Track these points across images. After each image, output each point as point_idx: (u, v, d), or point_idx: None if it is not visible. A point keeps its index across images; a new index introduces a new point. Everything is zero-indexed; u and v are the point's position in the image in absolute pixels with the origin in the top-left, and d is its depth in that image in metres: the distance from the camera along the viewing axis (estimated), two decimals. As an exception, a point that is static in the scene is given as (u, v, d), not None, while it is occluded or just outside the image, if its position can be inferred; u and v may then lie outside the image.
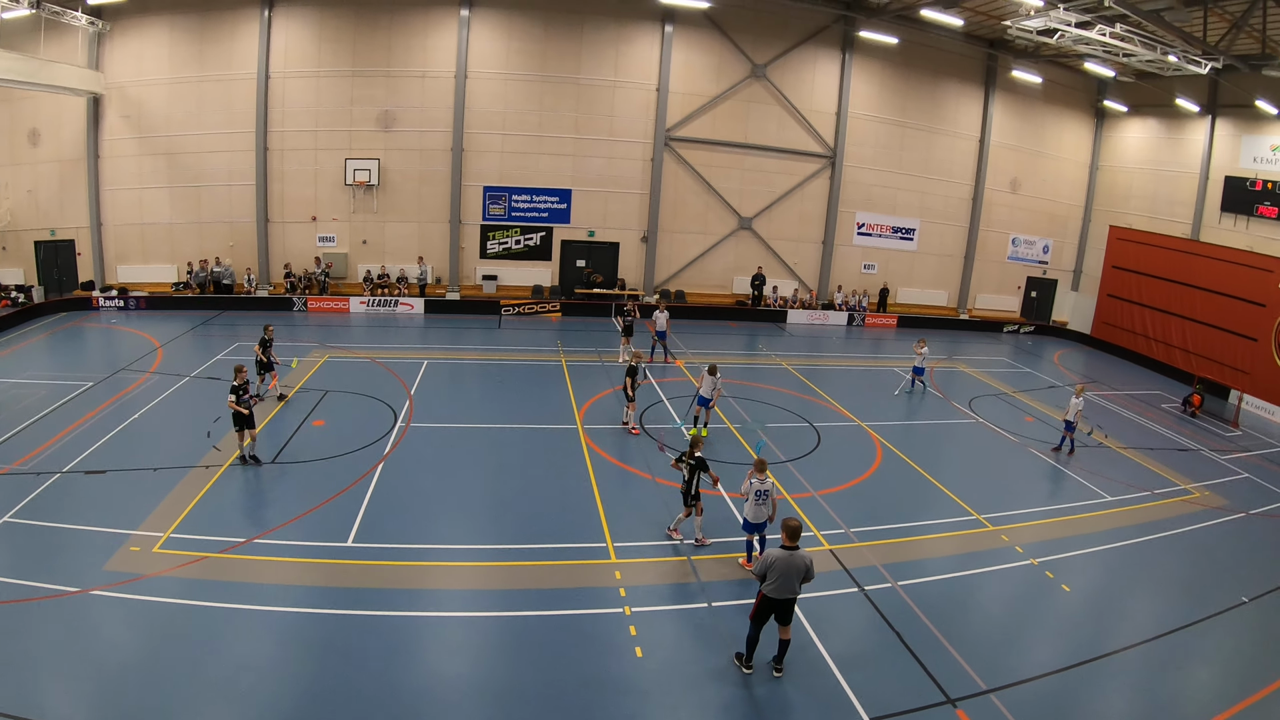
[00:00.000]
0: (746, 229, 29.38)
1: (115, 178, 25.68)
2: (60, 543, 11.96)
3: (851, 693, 8.64)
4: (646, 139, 27.64)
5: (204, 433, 15.74)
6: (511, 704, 8.31)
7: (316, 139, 25.87)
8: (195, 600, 10.21)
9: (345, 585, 10.47)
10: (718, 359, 23.01)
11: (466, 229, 26.84)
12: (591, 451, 15.30)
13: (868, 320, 30.15)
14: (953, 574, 11.64)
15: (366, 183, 25.70)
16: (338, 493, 13.09)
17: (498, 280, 26.90)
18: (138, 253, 25.70)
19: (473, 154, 26.46)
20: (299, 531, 11.89)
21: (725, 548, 11.73)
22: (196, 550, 11.45)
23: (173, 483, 13.77)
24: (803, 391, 20.70)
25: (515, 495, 13.33)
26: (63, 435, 16.22)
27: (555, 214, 27.22)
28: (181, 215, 25.68)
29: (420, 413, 17.12)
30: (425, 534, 11.93)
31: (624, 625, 9.58)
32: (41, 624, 9.91)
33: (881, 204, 30.65)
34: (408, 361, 21.21)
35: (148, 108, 25.95)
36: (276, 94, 25.84)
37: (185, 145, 25.78)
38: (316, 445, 15.29)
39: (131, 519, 12.46)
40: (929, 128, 30.50)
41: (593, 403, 18.35)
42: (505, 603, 10.13)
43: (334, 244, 26.07)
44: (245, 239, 25.59)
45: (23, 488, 13.90)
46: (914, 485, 15.10)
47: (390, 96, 26.10)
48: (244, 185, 25.62)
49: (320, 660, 8.94)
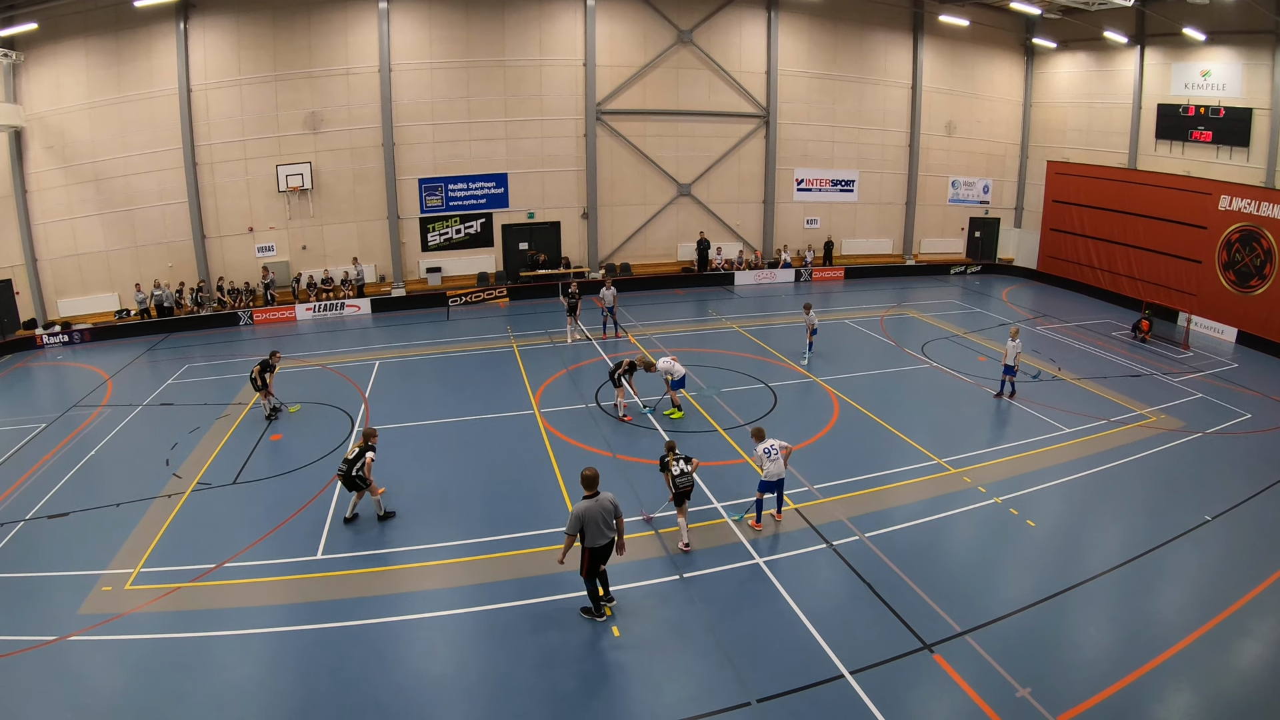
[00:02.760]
0: (686, 195, 29.56)
1: (45, 210, 25.40)
2: (31, 591, 11.87)
3: (829, 649, 8.79)
4: (578, 115, 27.66)
5: (163, 461, 15.76)
6: (499, 696, 8.40)
7: (245, 149, 25.69)
8: (173, 633, 10.22)
9: (319, 599, 10.47)
10: (667, 328, 23.38)
11: (406, 224, 26.83)
12: (551, 435, 15.34)
13: (815, 275, 30.47)
14: (919, 520, 11.75)
15: (300, 187, 25.60)
16: (302, 506, 13.07)
17: (442, 272, 26.96)
18: (76, 284, 25.51)
19: (404, 147, 26.39)
20: (267, 550, 11.88)
21: (693, 516, 11.71)
22: (168, 582, 11.43)
23: (137, 516, 13.72)
24: (755, 352, 20.86)
25: (480, 488, 13.37)
26: (21, 482, 15.95)
27: (493, 199, 27.27)
28: (116, 241, 25.49)
29: (377, 415, 17.06)
30: (395, 537, 11.93)
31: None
32: (22, 676, 9.84)
33: (819, 158, 30.90)
34: (359, 364, 21.19)
35: (71, 135, 25.63)
36: (200, 107, 25.58)
37: (113, 169, 25.52)
38: (276, 460, 15.22)
39: (100, 559, 12.40)
40: (860, 79, 30.70)
41: (548, 385, 18.45)
42: (481, 597, 10.17)
43: (274, 253, 25.98)
44: (184, 258, 25.46)
45: None
46: (874, 436, 15.26)
47: (315, 98, 25.91)
48: (176, 204, 25.44)
49: (304, 676, 8.97)
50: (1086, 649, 8.90)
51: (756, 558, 10.66)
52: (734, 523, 11.79)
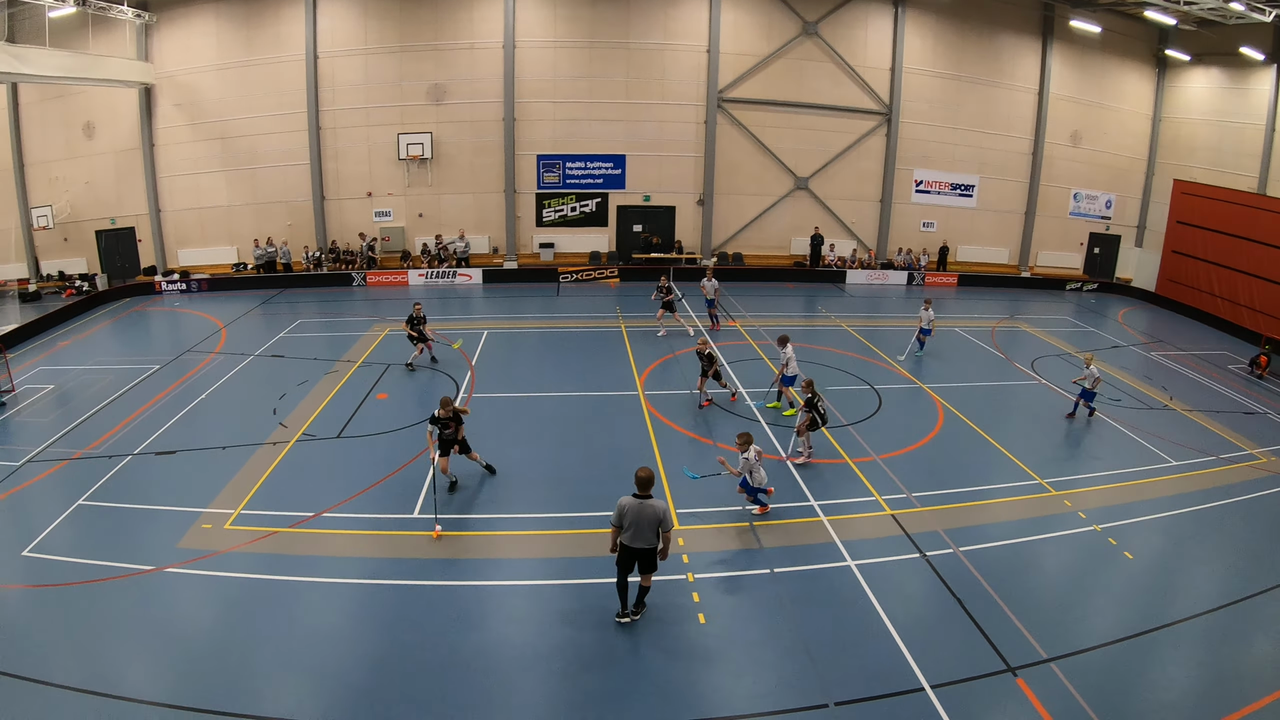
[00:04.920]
0: (803, 189, 28.70)
1: (171, 164, 25.70)
2: (134, 523, 12.08)
3: (912, 659, 8.45)
4: (699, 101, 27.10)
5: (270, 409, 15.87)
6: (577, 671, 8.28)
7: (368, 116, 25.71)
8: (266, 574, 10.32)
9: (410, 556, 10.48)
10: (775, 320, 22.46)
11: (522, 198, 26.50)
12: (653, 418, 15.00)
13: (927, 279, 29.24)
14: (1015, 539, 11.35)
15: (420, 156, 25.47)
16: (402, 465, 13.06)
17: (555, 248, 26.51)
18: (196, 236, 25.70)
19: (525, 123, 26.11)
20: (365, 504, 11.90)
21: (789, 512, 11.58)
22: (266, 525, 11.51)
23: (242, 460, 13.82)
24: (863, 353, 20.07)
25: (578, 463, 13.20)
26: (132, 418, 16.30)
27: (610, 179, 26.77)
28: (238, 198, 25.64)
29: (482, 383, 16.95)
30: (489, 504, 11.89)
31: (687, 592, 9.49)
32: (118, 602, 10.05)
33: (939, 160, 29.79)
34: (468, 332, 20.99)
35: (199, 95, 25.97)
36: (326, 74, 25.73)
37: (238, 129, 25.74)
38: (381, 419, 15.18)
39: (202, 497, 12.54)
40: (986, 81, 29.60)
41: (654, 368, 17.99)
42: (569, 571, 10.09)
43: (390, 218, 25.88)
44: (302, 218, 25.48)
45: (95, 471, 14.02)
46: (976, 448, 14.60)
47: (440, 70, 25.86)
48: (298, 165, 25.52)
49: (389, 630, 8.97)
50: (1171, 691, 8.44)
51: (848, 560, 10.41)
52: (752, 526, 11.48)
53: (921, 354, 19.47)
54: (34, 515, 13.04)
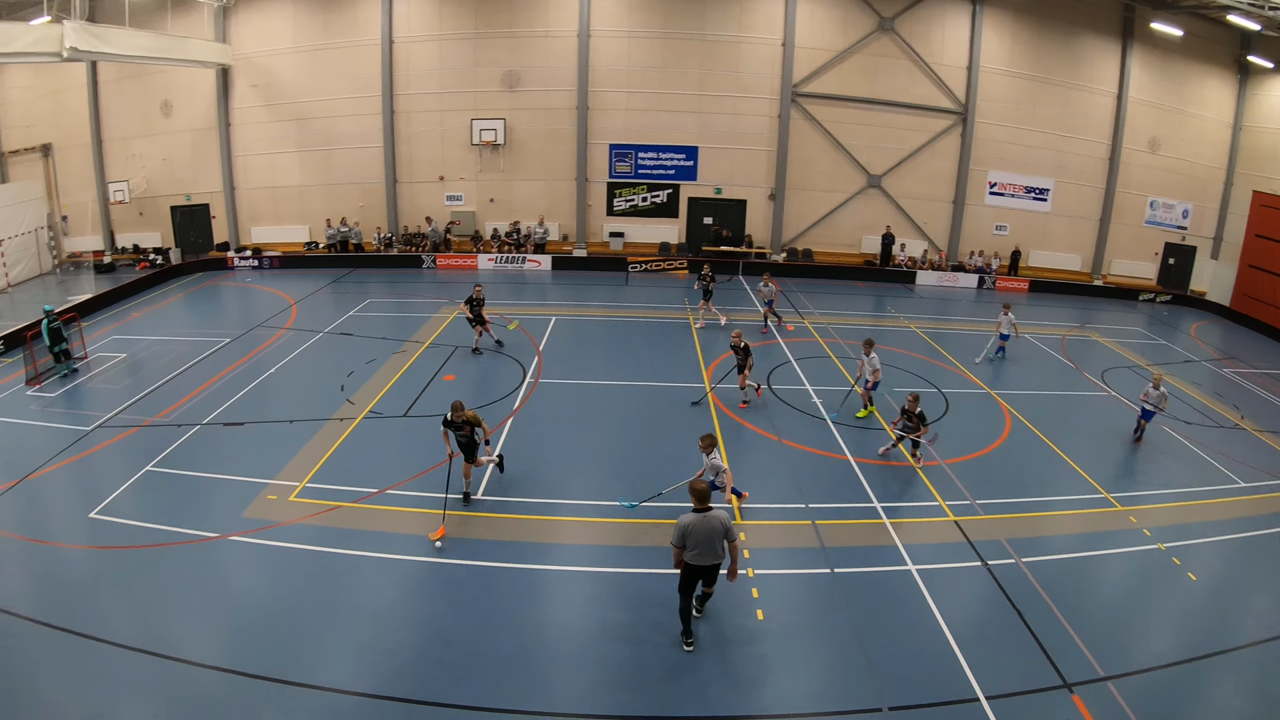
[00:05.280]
0: (875, 187, 28.16)
1: (246, 144, 25.85)
2: (200, 491, 12.26)
3: (968, 669, 8.31)
4: (773, 95, 26.73)
5: (338, 386, 15.96)
6: (631, 660, 8.25)
7: (442, 101, 25.69)
8: (328, 547, 10.46)
9: (473, 537, 10.54)
10: (844, 319, 21.91)
11: (593, 186, 26.32)
12: (719, 411, 14.81)
13: (998, 283, 28.46)
14: (1077, 553, 11.10)
15: (493, 142, 25.37)
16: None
17: (624, 237, 26.25)
18: (270, 214, 25.80)
19: (598, 112, 25.91)
20: (429, 483, 11.95)
21: (852, 512, 11.47)
22: (331, 499, 11.61)
23: (308, 434, 13.95)
24: (931, 356, 19.58)
25: (642, 453, 13.11)
26: (202, 389, 16.46)
27: (682, 171, 26.46)
28: (311, 178, 25.71)
29: (549, 368, 16.92)
30: (552, 489, 11.88)
31: (746, 587, 9.38)
32: (180, 567, 10.29)
33: (1014, 162, 29.08)
34: (536, 318, 20.87)
35: (275, 76, 26.12)
36: (401, 58, 25.78)
37: (313, 111, 25.83)
38: (447, 400, 15.24)
39: (269, 469, 12.70)
40: (1064, 82, 28.87)
41: (721, 361, 17.67)
42: (628, 559, 10.08)
43: (462, 202, 25.81)
44: (375, 199, 25.48)
45: (164, 439, 14.18)
46: (1042, 458, 14.17)
47: (514, 57, 25.78)
48: (372, 148, 25.56)
49: (445, 608, 9.07)
50: (1228, 718, 8.22)
51: (909, 564, 10.24)
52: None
53: (1002, 359, 18.99)
54: (102, 479, 13.19)
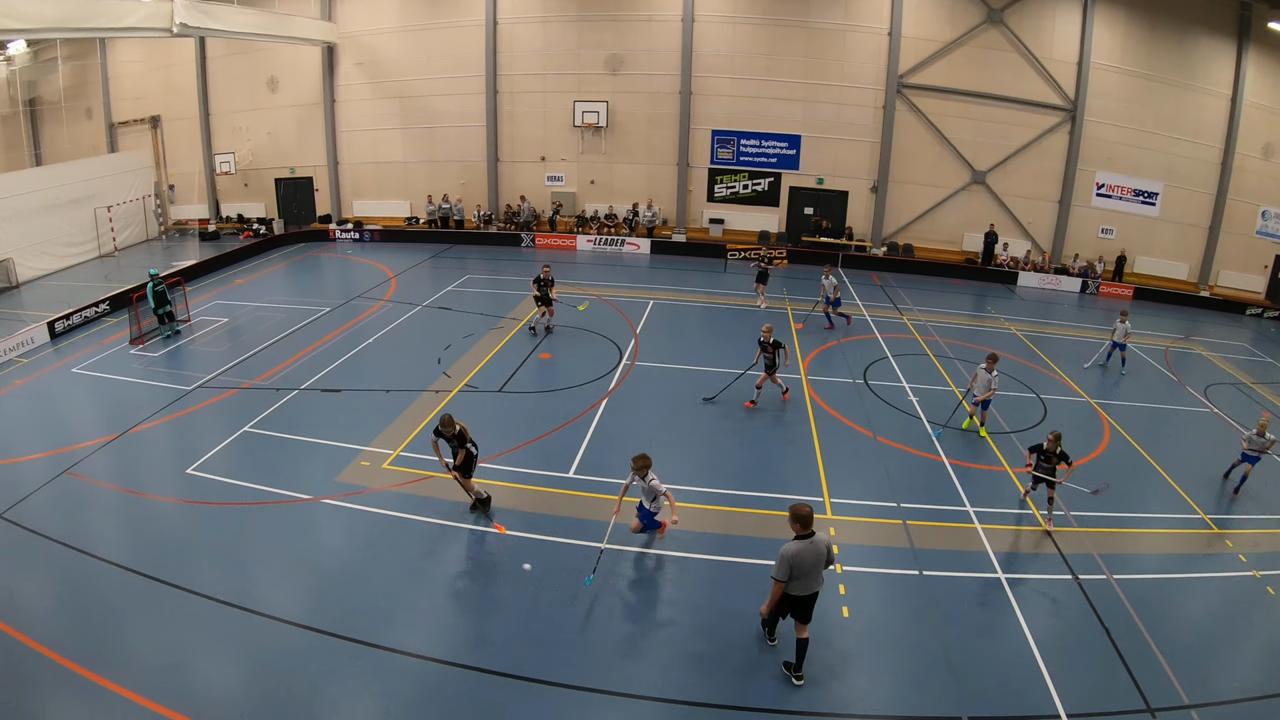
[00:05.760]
0: (980, 184, 27.37)
1: (350, 120, 26.07)
2: (295, 453, 12.49)
3: (1051, 684, 8.00)
4: (878, 85, 26.16)
5: (435, 359, 16.05)
6: (711, 650, 8.09)
7: (545, 82, 25.62)
8: (418, 515, 10.48)
9: (561, 514, 10.53)
10: (943, 317, 21.13)
11: (694, 172, 26.00)
12: (814, 403, 14.52)
13: (1101, 289, 27.38)
14: (1170, 574, 10.64)
15: (595, 125, 25.24)
16: (563, 424, 13.12)
17: (724, 224, 25.87)
18: (372, 189, 25.98)
19: (701, 97, 25.62)
20: (523, 459, 12.00)
21: (945, 515, 11.00)
22: (423, 469, 11.63)
23: (404, 405, 14.02)
24: (1030, 360, 18.77)
25: (735, 441, 12.89)
26: (300, 356, 16.73)
27: (784, 159, 26.01)
28: (414, 154, 25.84)
29: (645, 351, 16.75)
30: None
31: (833, 583, 9.12)
32: (274, 524, 10.47)
33: (1122, 163, 28.04)
34: (633, 300, 20.68)
35: (380, 55, 26.34)
36: (505, 40, 25.80)
37: (417, 89, 25.98)
38: (543, 377, 15.32)
39: (364, 436, 12.82)
40: (1176, 82, 27.77)
41: (818, 353, 17.33)
42: (717, 547, 9.93)
43: (562, 183, 25.70)
44: (476, 177, 25.51)
45: (263, 401, 14.43)
46: (1140, 473, 13.45)
47: (618, 40, 25.65)
48: (474, 126, 25.61)
49: (529, 583, 9.03)
50: None
51: (999, 571, 9.90)
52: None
53: (1123, 370, 18.04)
54: (200, 437, 13.44)
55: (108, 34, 24.11)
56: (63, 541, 10.69)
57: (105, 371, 17.53)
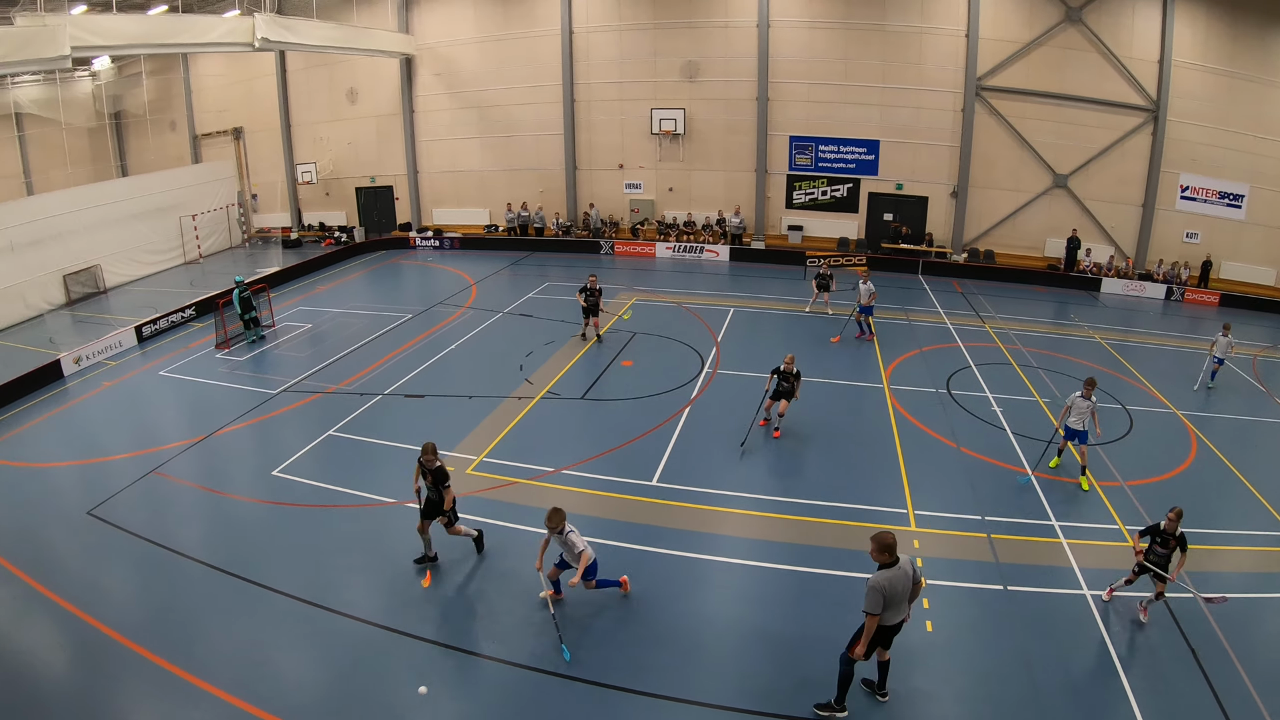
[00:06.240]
0: (1061, 187, 26.88)
1: (429, 129, 26.41)
2: (379, 458, 12.63)
3: (1136, 707, 7.76)
4: (956, 88, 25.83)
5: (517, 366, 16.22)
6: (785, 658, 8.07)
7: (622, 90, 25.73)
8: (501, 521, 10.55)
9: (642, 521, 10.56)
10: (1023, 325, 20.59)
11: (773, 179, 25.90)
12: (897, 413, 14.27)
13: (1186, 295, 26.64)
14: (1260, 594, 10.11)
15: (672, 131, 25.24)
16: (645, 432, 13.13)
17: (803, 231, 25.66)
18: (451, 197, 26.28)
19: (777, 103, 25.53)
20: (605, 466, 12.06)
21: (1029, 529, 10.72)
22: (507, 475, 11.81)
23: (487, 411, 14.15)
24: (1115, 369, 18.13)
25: (817, 450, 12.83)
26: (383, 362, 17.03)
27: (862, 165, 25.77)
28: (491, 163, 26.09)
29: (727, 360, 16.63)
30: (726, 480, 11.70)
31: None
32: (352, 526, 10.70)
33: (1207, 165, 27.32)
34: (713, 308, 20.60)
35: (457, 66, 26.65)
36: (580, 48, 25.96)
37: (494, 99, 26.24)
38: (625, 385, 15.36)
39: (447, 441, 12.82)
40: (1260, 78, 26.99)
41: (901, 361, 17.07)
42: (797, 557, 9.84)
43: (641, 190, 25.75)
44: (554, 185, 25.67)
45: (346, 406, 14.70)
46: (1229, 489, 12.85)
47: (693, 47, 25.67)
48: (552, 135, 25.77)
49: (605, 591, 9.08)
50: None
51: (1084, 589, 9.57)
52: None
53: (1212, 385, 17.18)
54: (285, 440, 13.75)
55: (190, 49, 24.72)
56: (148, 538, 11.04)
57: (192, 375, 17.96)
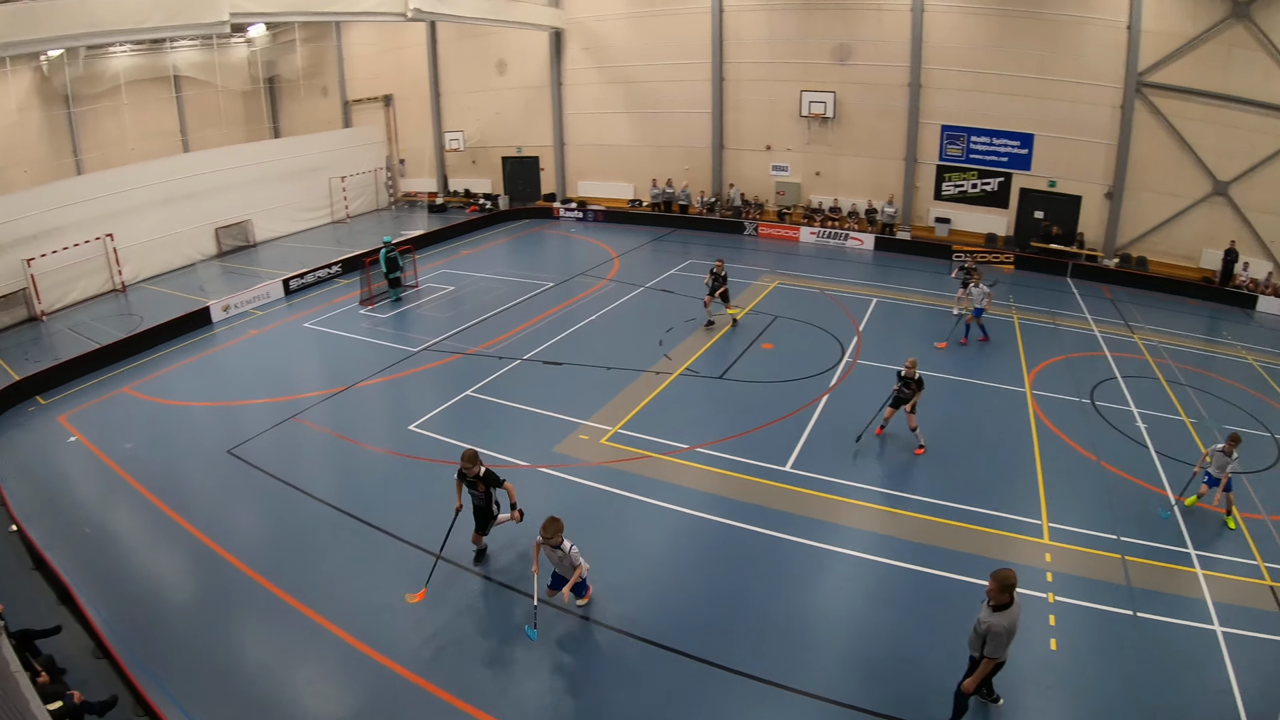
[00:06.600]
0: (1221, 195, 25.81)
1: (576, 102, 26.75)
2: (514, 421, 12.97)
3: None
4: (1115, 83, 25.00)
5: (656, 340, 16.30)
6: (899, 664, 7.91)
7: (771, 70, 25.65)
8: (631, 493, 10.71)
9: (773, 507, 10.51)
10: (1173, 339, 19.44)
11: (922, 168, 25.56)
12: (1038, 420, 13.60)
13: (1344, 315, 25.26)
14: None
15: (821, 115, 25.07)
16: (782, 416, 12.99)
17: (950, 224, 25.21)
18: (596, 170, 26.60)
19: (929, 90, 25.13)
20: (740, 448, 11.99)
21: (1165, 555, 10.13)
22: (640, 448, 11.89)
23: (624, 383, 14.24)
24: (1266, 393, 16.97)
25: (952, 450, 12.44)
26: (523, 327, 17.40)
27: (1015, 159, 25.21)
28: (638, 138, 26.30)
29: (868, 350, 16.34)
30: (859, 472, 11.59)
31: (1044, 612, 8.70)
32: None
33: (1378, 177, 25.85)
34: (856, 297, 20.37)
35: (605, 40, 26.88)
36: (730, 27, 25.95)
37: (642, 74, 26.42)
38: (764, 368, 15.25)
39: (583, 410, 13.11)
40: None
41: (1045, 367, 16.22)
42: (920, 557, 9.64)
43: (787, 173, 25.69)
44: (700, 163, 25.78)
45: (485, 368, 15.09)
46: None
47: (845, 29, 25.40)
48: (699, 113, 25.85)
49: (728, 570, 9.25)
50: None
51: (1215, 624, 9.01)
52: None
53: None
54: (423, 397, 14.23)
55: (344, 18, 25.52)
56: (282, 479, 11.59)
57: (335, 328, 18.70)
